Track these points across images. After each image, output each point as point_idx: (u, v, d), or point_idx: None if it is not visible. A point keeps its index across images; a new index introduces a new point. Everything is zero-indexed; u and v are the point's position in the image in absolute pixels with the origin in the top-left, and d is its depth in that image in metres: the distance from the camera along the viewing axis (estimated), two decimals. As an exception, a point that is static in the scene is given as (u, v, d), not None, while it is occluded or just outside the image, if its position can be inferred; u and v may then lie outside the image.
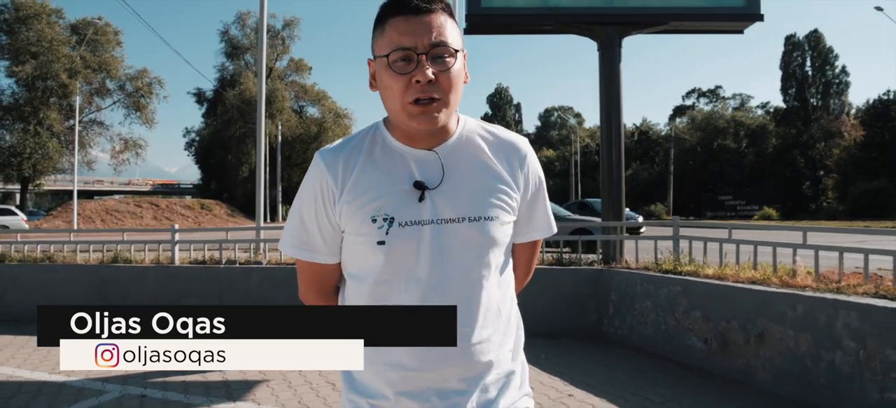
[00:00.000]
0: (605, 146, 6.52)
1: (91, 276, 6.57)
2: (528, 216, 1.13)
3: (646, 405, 3.60)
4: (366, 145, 1.06)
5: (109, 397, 3.85)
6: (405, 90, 0.98)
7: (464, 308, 1.01)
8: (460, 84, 1.02)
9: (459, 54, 1.01)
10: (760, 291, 4.00)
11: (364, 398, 1.05)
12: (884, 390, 3.22)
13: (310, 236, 1.08)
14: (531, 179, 1.11)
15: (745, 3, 6.33)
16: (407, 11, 0.97)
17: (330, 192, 1.05)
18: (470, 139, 1.07)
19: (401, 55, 0.97)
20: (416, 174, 1.03)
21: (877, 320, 3.28)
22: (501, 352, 1.07)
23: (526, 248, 1.19)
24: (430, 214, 1.02)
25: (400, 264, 1.02)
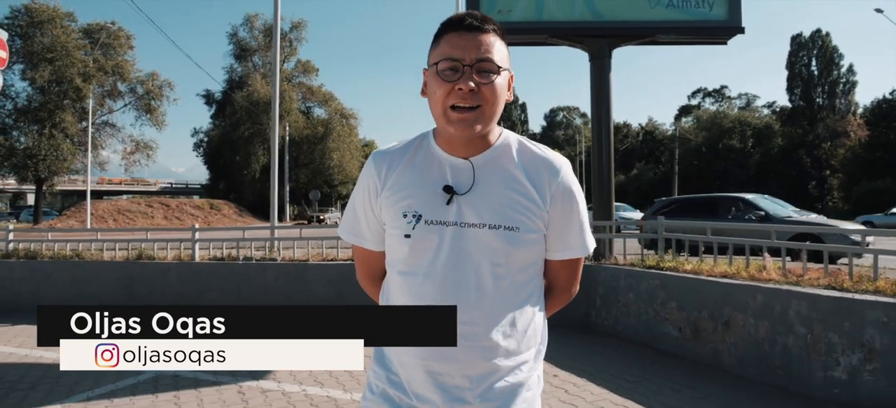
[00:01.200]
0: (595, 150, 6.97)
1: (119, 272, 7.09)
2: (559, 233, 1.16)
3: (621, 383, 4.06)
4: (411, 149, 1.17)
5: (146, 376, 4.34)
6: (447, 95, 1.06)
7: (474, 309, 1.07)
8: (501, 99, 1.09)
9: (504, 73, 1.10)
10: (727, 283, 4.45)
11: (384, 372, 1.15)
12: (827, 368, 3.67)
13: (358, 224, 1.22)
14: (561, 196, 1.14)
15: (727, 18, 6.76)
16: (461, 28, 1.08)
17: (375, 187, 1.17)
18: (505, 153, 1.14)
19: (449, 65, 1.06)
20: (448, 179, 1.12)
21: (822, 307, 3.73)
22: (512, 361, 1.11)
23: (561, 266, 1.20)
24: (455, 217, 1.10)
25: (421, 258, 1.11)
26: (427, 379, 1.08)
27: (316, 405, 3.66)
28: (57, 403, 3.74)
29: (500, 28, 1.11)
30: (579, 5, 6.82)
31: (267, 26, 51.25)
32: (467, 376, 1.08)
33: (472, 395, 1.08)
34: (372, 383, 1.17)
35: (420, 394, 1.09)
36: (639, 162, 58.61)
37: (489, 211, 1.09)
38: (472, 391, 1.08)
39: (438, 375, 1.08)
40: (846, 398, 3.56)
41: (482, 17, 1.09)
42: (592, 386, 4.01)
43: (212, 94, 53.37)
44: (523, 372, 1.12)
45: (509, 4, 6.87)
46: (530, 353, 1.14)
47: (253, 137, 47.60)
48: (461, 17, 1.09)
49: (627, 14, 6.79)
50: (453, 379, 1.08)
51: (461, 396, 1.08)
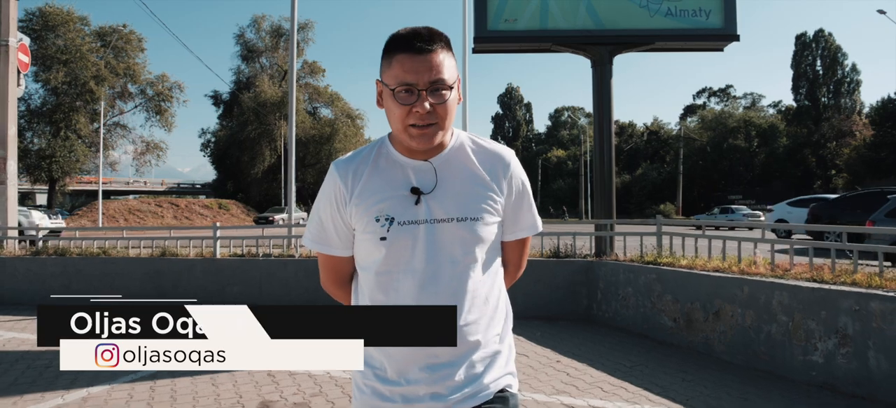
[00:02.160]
0: (597, 153, 7.33)
1: (146, 267, 7.50)
2: (513, 217, 1.28)
3: (618, 368, 4.42)
4: (372, 157, 1.24)
5: (182, 362, 4.73)
6: (406, 116, 1.15)
7: (453, 295, 1.18)
8: (454, 110, 1.19)
9: (454, 86, 1.18)
10: (717, 276, 4.81)
11: (370, 369, 1.22)
12: (806, 353, 4.02)
13: (326, 233, 1.27)
14: (514, 185, 1.26)
15: (723, 26, 7.10)
16: (411, 50, 1.14)
17: (342, 195, 1.23)
18: (461, 151, 1.24)
19: (404, 89, 1.14)
20: (413, 181, 1.21)
21: (801, 297, 4.08)
22: (488, 334, 1.22)
23: (515, 245, 1.33)
24: (425, 215, 1.19)
25: (399, 257, 1.18)
26: (418, 364, 1.17)
27: (319, 384, 4.04)
28: (105, 384, 4.13)
29: (446, 41, 1.18)
30: (582, 14, 7.18)
31: (274, 27, 51.76)
32: (454, 354, 1.18)
33: (459, 369, 1.18)
34: (360, 384, 1.24)
35: (410, 377, 1.18)
36: (644, 162, 58.76)
37: (455, 205, 1.19)
38: (459, 367, 1.18)
39: (428, 357, 1.17)
40: (822, 380, 3.91)
41: (429, 36, 1.15)
42: (592, 370, 4.38)
43: (219, 95, 53.94)
44: (497, 342, 1.24)
45: (515, 14, 7.24)
46: (500, 324, 1.26)
47: (260, 137, 48.10)
48: (410, 37, 1.14)
49: (628, 23, 7.14)
50: (441, 359, 1.17)
51: (448, 372, 1.17)
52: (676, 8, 7.11)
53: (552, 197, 57.63)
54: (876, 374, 3.62)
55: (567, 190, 57.52)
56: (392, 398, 1.19)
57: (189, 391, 3.96)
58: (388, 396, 1.19)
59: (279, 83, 51.25)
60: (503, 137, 70.50)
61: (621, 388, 3.97)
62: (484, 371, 1.21)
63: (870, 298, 3.67)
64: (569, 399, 3.73)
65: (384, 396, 1.20)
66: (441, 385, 1.17)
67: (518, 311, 1.95)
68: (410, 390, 1.18)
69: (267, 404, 3.70)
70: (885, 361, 3.57)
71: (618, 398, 3.75)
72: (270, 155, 48.69)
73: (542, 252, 6.96)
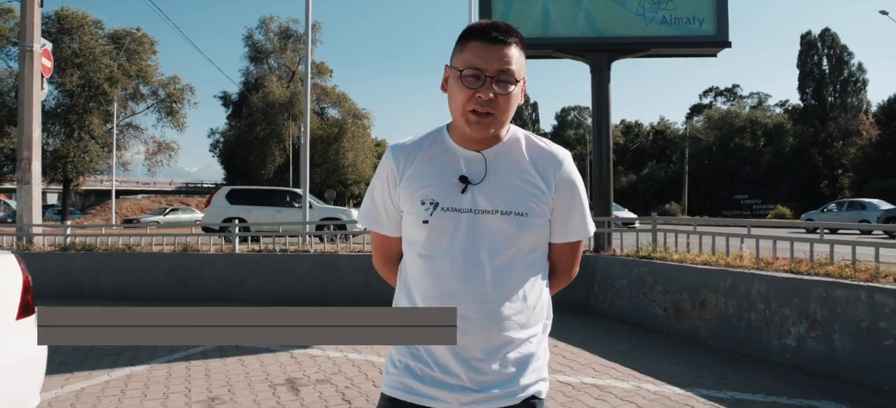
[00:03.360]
0: (596, 154, 7.72)
1: (170, 263, 7.96)
2: (563, 219, 1.27)
3: (610, 352, 4.82)
4: (427, 143, 1.27)
5: (208, 346, 5.17)
6: (468, 101, 1.16)
7: (489, 287, 1.18)
8: (515, 105, 1.21)
9: (520, 82, 1.20)
10: (703, 269, 5.20)
11: (406, 347, 1.24)
12: (781, 337, 4.41)
13: (377, 212, 1.32)
14: (565, 186, 1.25)
15: (715, 33, 7.47)
16: (486, 39, 1.16)
17: (393, 177, 1.27)
18: (514, 146, 1.25)
19: (472, 73, 1.15)
20: (463, 170, 1.22)
21: (777, 286, 4.46)
22: (524, 333, 1.21)
23: (564, 248, 1.31)
24: (470, 204, 1.20)
25: (439, 241, 1.20)
26: (448, 352, 1.18)
27: (338, 365, 4.46)
28: (145, 363, 4.58)
29: (521, 39, 1.21)
30: (581, 23, 7.58)
31: (282, 29, 52.30)
32: (484, 349, 1.18)
33: (489, 365, 1.18)
34: (394, 359, 1.26)
35: (443, 364, 1.19)
36: (650, 161, 58.94)
37: (500, 198, 1.20)
38: (488, 362, 1.18)
39: (459, 347, 1.17)
40: (795, 361, 4.30)
41: (506, 29, 1.18)
42: (586, 353, 4.78)
43: (228, 96, 54.59)
44: (534, 343, 1.23)
45: (518, 22, 7.63)
46: (539, 326, 1.25)
47: (269, 137, 48.65)
48: (487, 27, 1.17)
49: (625, 30, 7.53)
50: (471, 351, 1.17)
51: (479, 366, 1.18)
52: (671, 16, 7.49)
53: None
54: (841, 355, 4.00)
55: (573, 189, 57.61)
56: (423, 378, 1.21)
57: (221, 369, 4.40)
58: (420, 375, 1.21)
59: (287, 84, 51.81)
60: (509, 137, 70.65)
61: (612, 368, 4.37)
62: (516, 374, 1.20)
63: (835, 287, 4.06)
64: (564, 377, 4.14)
65: (417, 374, 1.22)
66: (470, 378, 1.18)
67: None
68: (442, 376, 1.19)
69: (292, 380, 4.12)
70: (848, 342, 3.96)
71: (608, 377, 4.15)
72: (279, 155, 49.25)
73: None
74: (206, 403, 3.67)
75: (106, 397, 3.79)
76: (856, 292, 3.92)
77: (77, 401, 3.70)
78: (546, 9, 7.59)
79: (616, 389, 3.88)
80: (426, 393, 1.19)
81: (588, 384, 3.98)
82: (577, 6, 7.58)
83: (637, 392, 3.80)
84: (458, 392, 1.17)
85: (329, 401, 3.69)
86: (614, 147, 61.10)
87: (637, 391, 3.82)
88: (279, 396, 3.80)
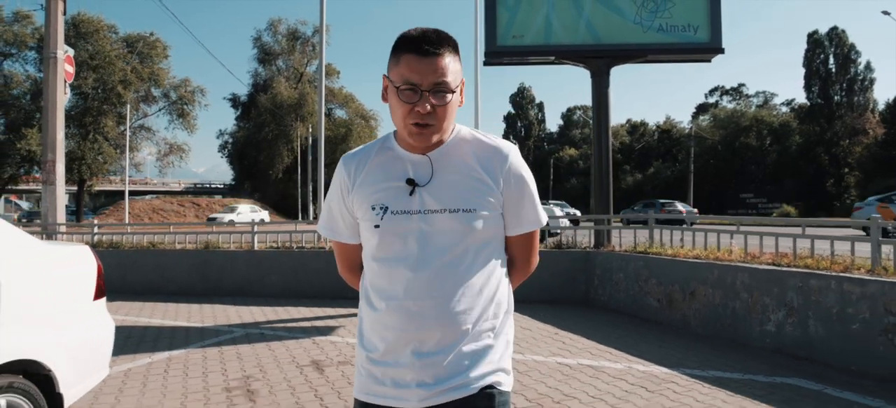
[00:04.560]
0: (595, 154, 8.13)
1: (194, 259, 8.43)
2: (514, 211, 1.30)
3: (606, 338, 5.23)
4: (375, 151, 1.31)
5: (237, 334, 5.62)
6: (408, 114, 1.19)
7: (443, 283, 1.21)
8: (454, 112, 1.24)
9: (457, 89, 1.22)
10: (694, 262, 5.60)
11: (365, 351, 1.29)
12: (762, 324, 4.81)
13: (335, 221, 1.36)
14: (513, 178, 1.27)
15: (710, 40, 7.87)
16: (418, 52, 1.18)
17: (346, 185, 1.31)
18: (459, 146, 1.28)
19: (408, 87, 1.18)
20: (410, 173, 1.25)
21: (759, 277, 4.86)
22: (480, 326, 1.24)
23: (519, 240, 1.34)
24: (419, 206, 1.23)
25: (392, 244, 1.24)
26: (406, 348, 1.22)
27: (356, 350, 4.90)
28: (181, 348, 5.04)
29: (453, 45, 1.23)
30: (582, 31, 7.99)
31: (290, 30, 52.97)
32: (439, 344, 1.22)
33: (444, 358, 1.21)
34: (360, 365, 1.32)
35: (399, 360, 1.23)
36: (656, 160, 59.13)
37: (448, 197, 1.24)
38: (444, 356, 1.22)
39: (415, 343, 1.22)
40: (774, 345, 4.70)
41: (437, 39, 1.20)
42: (584, 340, 5.20)
43: (237, 98, 55.31)
44: (490, 337, 1.26)
45: (522, 31, 8.06)
46: (497, 320, 1.28)
47: (277, 138, 49.31)
48: (418, 40, 1.19)
49: (623, 38, 7.94)
50: (427, 346, 1.21)
51: (435, 360, 1.21)
52: (667, 24, 7.88)
53: (565, 196, 58.23)
54: (814, 339, 4.40)
55: (579, 188, 58.01)
56: (383, 381, 1.25)
57: (251, 353, 4.85)
58: (380, 378, 1.25)
59: (295, 85, 52.43)
60: (515, 137, 71.06)
61: (607, 352, 4.78)
62: (471, 365, 1.23)
63: (809, 277, 4.46)
64: (562, 359, 4.56)
65: (377, 378, 1.26)
66: (427, 373, 1.21)
67: (524, 295, 2.43)
68: (399, 373, 1.23)
69: (317, 362, 4.57)
70: (821, 327, 4.36)
71: (603, 359, 4.57)
72: (288, 155, 49.86)
73: (547, 244, 7.78)
74: (242, 380, 4.12)
75: (152, 375, 4.25)
76: (827, 282, 4.32)
77: (127, 379, 4.16)
78: (549, 18, 8.00)
79: (609, 369, 4.30)
80: (389, 395, 1.24)
81: (584, 365, 4.40)
82: (578, 15, 7.99)
83: (628, 372, 4.21)
84: (416, 388, 1.22)
85: (351, 379, 4.13)
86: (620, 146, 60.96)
87: (628, 371, 4.23)
88: (306, 375, 4.24)
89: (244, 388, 3.94)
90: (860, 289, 4.10)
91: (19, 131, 29.64)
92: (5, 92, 30.87)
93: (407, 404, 1.22)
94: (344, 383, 4.04)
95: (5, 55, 31.15)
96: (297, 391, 3.86)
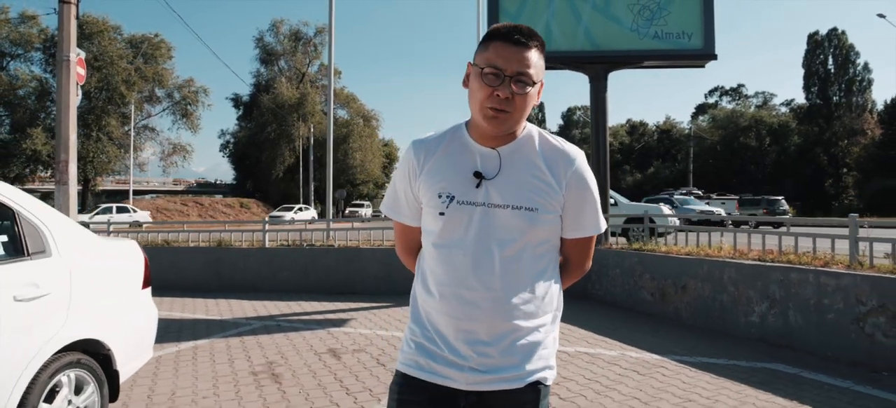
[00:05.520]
0: (593, 155, 8.48)
1: (208, 256, 8.78)
2: (574, 215, 1.33)
3: (602, 329, 5.58)
4: (446, 139, 1.35)
5: (255, 325, 5.97)
6: (487, 98, 1.23)
7: (498, 276, 1.25)
8: (530, 105, 1.27)
9: (537, 84, 1.26)
10: (684, 258, 5.95)
11: (419, 329, 1.34)
12: (747, 315, 5.16)
13: (398, 202, 1.41)
14: (576, 183, 1.31)
15: (703, 46, 8.21)
16: (508, 40, 1.24)
17: (414, 170, 1.35)
18: (527, 144, 1.31)
19: (492, 71, 1.22)
20: (478, 165, 1.29)
21: (745, 272, 5.21)
22: (531, 322, 1.28)
23: (575, 243, 1.38)
24: (483, 198, 1.27)
25: (453, 232, 1.28)
26: (458, 335, 1.26)
27: (369, 339, 5.25)
28: (205, 338, 5.39)
29: (542, 44, 1.28)
30: (581, 38, 8.34)
31: (292, 31, 53.29)
32: (491, 334, 1.25)
33: (496, 350, 1.25)
34: (408, 339, 1.36)
35: (453, 346, 1.27)
36: (656, 160, 59.53)
37: (512, 194, 1.27)
38: (495, 346, 1.25)
39: (467, 332, 1.25)
40: (758, 335, 5.05)
41: (528, 33, 1.25)
42: (581, 330, 5.55)
43: (240, 98, 55.64)
44: (541, 333, 1.29)
45: (523, 37, 8.40)
46: (548, 317, 1.31)
47: (279, 138, 49.63)
48: (511, 30, 1.25)
49: (620, 44, 8.28)
50: (479, 335, 1.25)
51: (486, 350, 1.25)
52: (662, 31, 8.23)
53: (564, 195, 58.51)
54: (794, 328, 4.75)
55: (579, 188, 58.27)
56: (434, 357, 1.29)
57: (271, 342, 5.21)
58: (431, 353, 1.30)
59: (297, 85, 52.76)
60: (515, 137, 71.18)
61: (602, 341, 5.14)
62: (523, 359, 1.27)
63: (790, 271, 4.81)
64: (561, 348, 4.90)
65: (428, 352, 1.30)
66: (478, 360, 1.25)
67: None
68: (451, 357, 1.27)
69: (333, 350, 4.92)
70: (800, 317, 4.71)
71: (598, 347, 4.92)
72: (289, 155, 50.19)
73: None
74: (266, 365, 4.47)
75: (182, 362, 4.60)
76: (805, 275, 4.67)
77: (159, 365, 4.51)
78: (549, 25, 8.35)
79: (604, 355, 4.65)
80: (437, 371, 1.28)
81: (581, 352, 4.75)
82: (576, 22, 8.34)
83: (621, 358, 4.57)
84: (466, 372, 1.26)
85: (366, 364, 4.49)
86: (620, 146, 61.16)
87: (621, 357, 4.59)
88: (324, 361, 4.59)
89: (269, 372, 4.29)
90: (835, 281, 4.45)
91: (25, 131, 30.03)
92: (11, 92, 31.25)
93: (454, 385, 1.26)
94: (360, 368, 4.39)
95: (11, 56, 31.52)
96: (318, 375, 4.21)
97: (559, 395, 3.71)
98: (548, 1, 8.38)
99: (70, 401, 2.69)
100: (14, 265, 2.49)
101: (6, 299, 2.37)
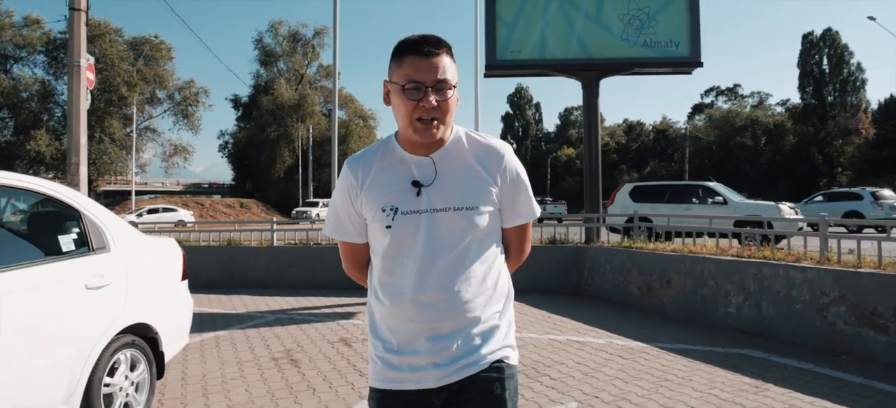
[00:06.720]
0: (586, 157, 8.94)
1: (219, 255, 9.19)
2: (511, 205, 1.42)
3: (593, 321, 6.02)
4: (379, 154, 1.40)
5: (269, 318, 6.40)
6: (413, 111, 1.29)
7: (451, 276, 1.33)
8: (454, 109, 1.34)
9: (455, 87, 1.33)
10: (669, 255, 6.40)
11: (379, 341, 1.39)
12: (725, 307, 5.61)
13: (342, 222, 1.44)
14: (509, 175, 1.39)
15: (690, 54, 8.67)
16: (420, 53, 1.29)
17: (354, 189, 1.40)
18: (458, 146, 1.38)
19: (413, 86, 1.28)
20: (415, 175, 1.35)
21: (723, 267, 5.66)
22: (487, 311, 1.37)
23: (515, 231, 1.47)
24: (426, 205, 1.34)
25: (403, 243, 1.34)
26: (419, 337, 1.33)
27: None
28: (224, 329, 5.81)
29: (449, 48, 1.33)
30: (574, 46, 8.79)
31: (291, 32, 53.70)
32: (451, 329, 1.33)
33: (456, 341, 1.33)
34: (374, 356, 1.40)
35: (416, 349, 1.33)
36: (652, 160, 60.06)
37: (452, 196, 1.33)
38: (456, 339, 1.33)
39: (428, 331, 1.33)
40: (735, 325, 5.50)
41: (436, 42, 1.31)
42: (573, 322, 5.99)
43: (239, 98, 56.00)
44: (496, 318, 1.38)
45: (519, 46, 8.85)
46: (500, 303, 1.40)
47: (278, 139, 50.01)
48: (419, 42, 1.30)
49: (611, 52, 8.74)
50: (440, 332, 1.32)
51: (448, 345, 1.32)
52: (651, 40, 8.68)
53: (563, 195, 59.13)
54: (766, 318, 5.20)
55: (576, 188, 58.86)
56: (400, 367, 1.34)
57: (286, 333, 5.64)
58: (396, 365, 1.35)
59: (296, 86, 53.15)
60: (513, 136, 71.86)
61: (592, 331, 5.58)
62: (481, 344, 1.35)
63: (763, 266, 5.26)
64: (553, 336, 5.35)
65: (393, 365, 1.35)
66: (441, 356, 1.32)
67: (521, 286, 2.85)
68: (415, 360, 1.33)
69: (344, 339, 5.36)
70: (772, 308, 5.16)
71: (588, 336, 5.37)
72: (289, 156, 50.57)
73: (541, 240, 8.57)
74: (284, 352, 4.90)
75: (207, 350, 5.03)
76: (777, 270, 5.12)
77: (186, 353, 4.93)
78: (544, 34, 8.80)
79: (592, 343, 5.09)
80: (407, 378, 1.34)
81: (572, 341, 5.19)
82: (570, 32, 8.79)
83: (608, 345, 5.01)
84: (432, 370, 1.32)
85: (376, 351, 4.91)
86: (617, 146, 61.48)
87: (608, 344, 5.03)
88: (337, 349, 5.03)
89: (288, 358, 4.73)
90: (802, 275, 4.90)
91: (28, 133, 30.40)
92: (15, 94, 31.62)
93: (425, 386, 1.33)
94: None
95: (15, 59, 31.89)
96: (333, 360, 4.64)
97: (550, 375, 4.15)
98: (543, 10, 8.84)
99: (126, 376, 3.12)
100: (83, 258, 2.92)
101: (80, 287, 2.81)
